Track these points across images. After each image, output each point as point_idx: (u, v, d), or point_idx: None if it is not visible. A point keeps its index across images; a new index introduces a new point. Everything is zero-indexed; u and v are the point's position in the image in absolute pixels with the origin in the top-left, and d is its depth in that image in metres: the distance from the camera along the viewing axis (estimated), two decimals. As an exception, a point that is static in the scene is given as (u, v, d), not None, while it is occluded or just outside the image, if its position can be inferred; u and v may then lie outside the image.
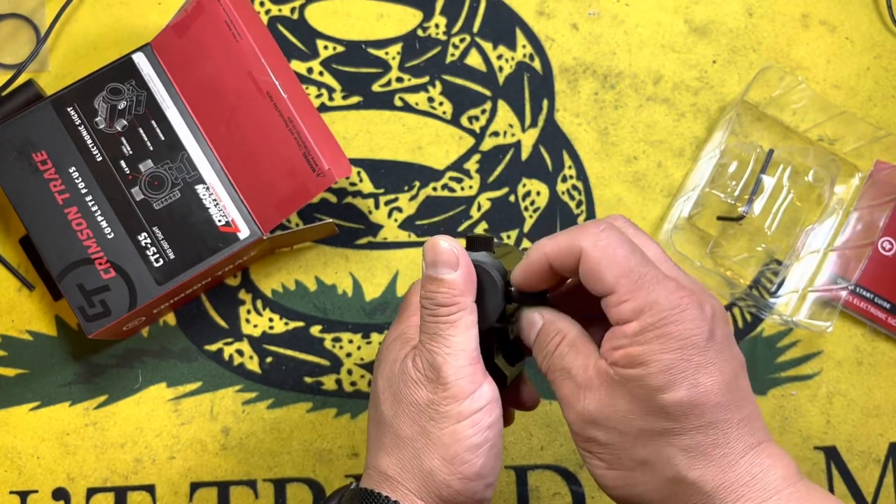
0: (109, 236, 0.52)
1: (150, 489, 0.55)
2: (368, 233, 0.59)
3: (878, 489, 0.57)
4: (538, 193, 0.60)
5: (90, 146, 0.53)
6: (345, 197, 0.59)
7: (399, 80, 0.60)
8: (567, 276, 0.36)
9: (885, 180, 0.59)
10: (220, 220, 0.53)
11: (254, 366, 0.57)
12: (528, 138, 0.60)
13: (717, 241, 0.58)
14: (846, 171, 0.60)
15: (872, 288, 0.58)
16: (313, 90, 0.60)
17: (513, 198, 0.60)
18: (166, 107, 0.54)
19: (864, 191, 0.59)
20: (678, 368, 0.31)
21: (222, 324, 0.57)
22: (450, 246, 0.37)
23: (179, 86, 0.54)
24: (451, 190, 0.59)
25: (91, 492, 0.55)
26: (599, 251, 0.33)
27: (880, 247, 0.59)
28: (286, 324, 0.57)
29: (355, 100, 0.60)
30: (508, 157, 0.60)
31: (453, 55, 0.61)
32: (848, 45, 0.62)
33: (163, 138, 0.53)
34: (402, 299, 0.57)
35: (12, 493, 0.55)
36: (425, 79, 0.60)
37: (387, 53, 0.61)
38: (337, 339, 0.57)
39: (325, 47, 0.61)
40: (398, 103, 0.60)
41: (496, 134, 0.60)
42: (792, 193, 0.58)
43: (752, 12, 0.62)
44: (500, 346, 0.40)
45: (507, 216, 0.59)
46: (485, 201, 0.59)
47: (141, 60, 0.54)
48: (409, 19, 0.61)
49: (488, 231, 0.59)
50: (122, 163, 0.53)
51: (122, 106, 0.54)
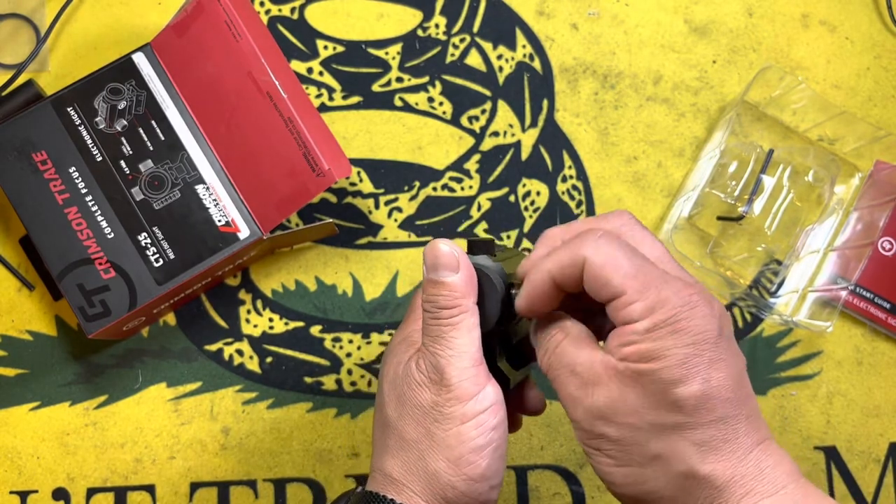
0: (109, 236, 0.52)
1: (150, 489, 0.55)
2: (368, 233, 0.59)
3: (878, 489, 0.57)
4: (538, 193, 0.60)
5: (90, 146, 0.53)
6: (345, 197, 0.59)
7: (399, 80, 0.60)
8: (571, 291, 0.35)
9: (885, 180, 0.59)
10: (220, 220, 0.53)
11: (254, 366, 0.57)
12: (528, 138, 0.60)
13: (717, 241, 0.58)
14: (846, 171, 0.60)
15: (872, 288, 0.58)
16: (313, 90, 0.60)
17: (513, 198, 0.60)
18: (166, 107, 0.54)
19: (864, 191, 0.59)
20: (692, 363, 0.32)
21: (222, 324, 0.57)
22: (450, 249, 0.37)
23: (179, 86, 0.54)
24: (451, 190, 0.59)
25: (91, 492, 0.55)
26: (602, 257, 0.33)
27: (880, 247, 0.59)
28: (286, 324, 0.57)
29: (355, 100, 0.60)
30: (508, 157, 0.60)
31: (453, 55, 0.61)
32: (848, 45, 0.62)
33: (163, 138, 0.53)
34: (402, 299, 0.58)
35: (12, 493, 0.55)
36: (425, 79, 0.60)
37: (387, 53, 0.61)
38: (337, 339, 0.57)
39: (325, 47, 0.61)
40: (398, 103, 0.60)
41: (496, 134, 0.60)
42: (792, 193, 0.58)
43: (752, 12, 0.62)
44: (504, 349, 0.40)
45: (507, 216, 0.59)
46: (485, 201, 0.59)
47: (141, 60, 0.54)
48: (409, 19, 0.61)
49: (488, 231, 0.59)
50: (122, 163, 0.53)
51: (122, 106, 0.54)
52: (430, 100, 0.60)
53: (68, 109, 0.53)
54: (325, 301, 0.58)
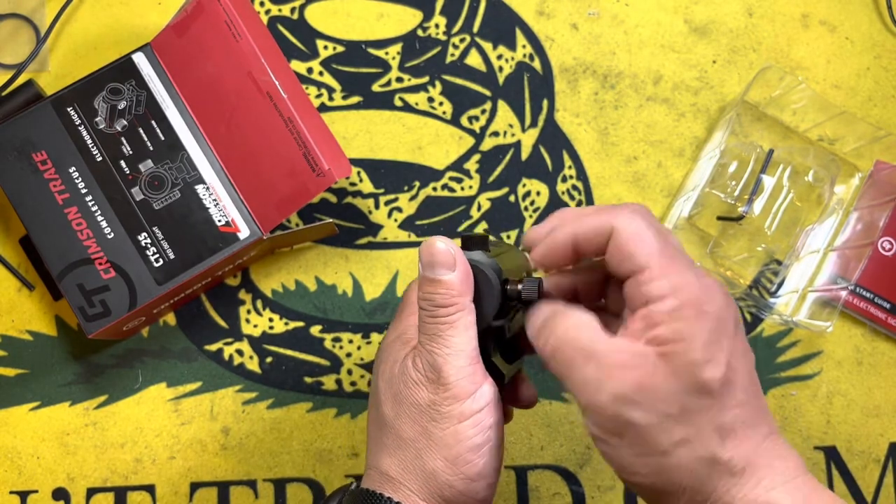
0: (109, 236, 0.52)
1: (150, 489, 0.55)
2: (368, 233, 0.59)
3: (878, 489, 0.57)
4: (538, 193, 0.60)
5: (90, 146, 0.53)
6: (345, 197, 0.59)
7: (399, 80, 0.60)
8: (589, 256, 0.36)
9: (885, 180, 0.59)
10: (220, 220, 0.53)
11: (254, 366, 0.57)
12: (528, 138, 0.60)
13: (717, 241, 0.58)
14: (846, 171, 0.60)
15: (872, 288, 0.58)
16: (313, 90, 0.60)
17: (513, 198, 0.59)
18: (166, 107, 0.54)
19: (864, 191, 0.59)
20: (717, 346, 0.32)
21: (222, 324, 0.57)
22: (446, 246, 0.37)
23: (179, 86, 0.54)
24: (451, 190, 0.59)
25: (91, 492, 0.55)
26: (632, 230, 0.33)
27: (880, 247, 0.59)
28: (286, 324, 0.57)
29: (355, 100, 0.60)
30: (508, 157, 0.60)
31: (453, 55, 0.61)
32: (848, 45, 0.62)
33: (163, 138, 0.53)
34: (401, 299, 0.57)
35: (12, 493, 0.55)
36: (425, 79, 0.60)
37: (387, 53, 0.61)
38: (337, 339, 0.57)
39: (325, 47, 0.61)
40: (398, 103, 0.60)
41: (496, 134, 0.60)
42: (792, 193, 0.58)
43: (752, 12, 0.62)
44: (498, 344, 0.40)
45: (507, 216, 0.59)
46: (485, 201, 0.59)
47: (141, 60, 0.54)
48: (409, 19, 0.61)
49: (488, 231, 0.59)
50: (122, 163, 0.53)
51: (122, 106, 0.54)
52: (430, 100, 0.60)
53: (68, 109, 0.53)
54: (325, 301, 0.58)
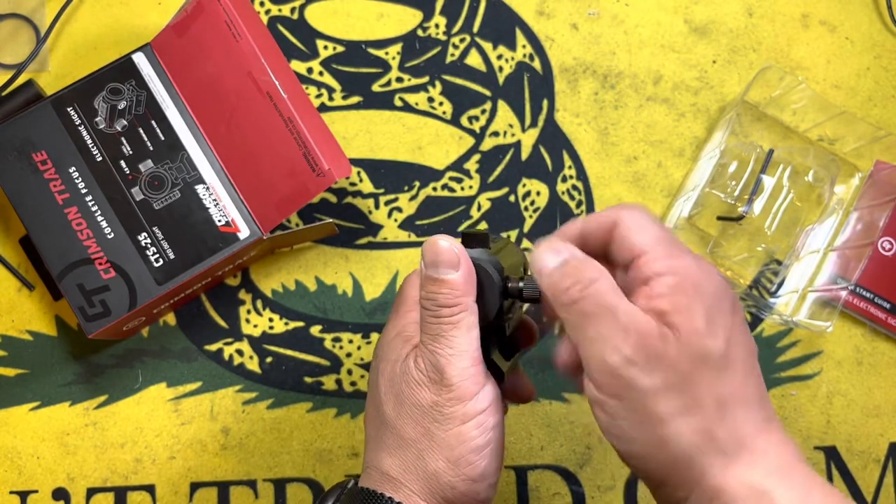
0: (109, 236, 0.52)
1: (150, 489, 0.55)
2: (368, 233, 0.59)
3: (878, 489, 0.57)
4: (538, 193, 0.60)
5: (90, 146, 0.53)
6: (345, 197, 0.59)
7: (399, 80, 0.60)
8: (594, 250, 0.36)
9: (885, 180, 0.59)
10: (220, 220, 0.53)
11: (254, 366, 0.57)
12: (528, 138, 0.60)
13: (717, 241, 0.58)
14: (846, 171, 0.60)
15: (872, 288, 0.58)
16: (313, 90, 0.60)
17: (513, 198, 0.59)
18: (166, 107, 0.54)
19: (864, 191, 0.59)
20: (718, 320, 0.33)
21: (222, 324, 0.57)
22: (450, 245, 0.37)
23: (179, 86, 0.54)
24: (451, 190, 0.59)
25: (91, 492, 0.55)
26: (634, 221, 0.35)
27: (880, 247, 0.59)
28: (286, 324, 0.57)
29: (355, 100, 0.60)
30: (508, 157, 0.60)
31: (453, 55, 0.61)
32: (848, 45, 0.62)
33: (163, 138, 0.53)
34: (397, 294, 0.57)
35: (12, 493, 0.55)
36: (425, 79, 0.60)
37: (387, 53, 0.61)
38: (337, 339, 0.57)
39: (325, 47, 0.61)
40: (398, 103, 0.60)
41: (496, 134, 0.60)
42: (792, 193, 0.58)
43: (752, 12, 0.62)
44: (496, 341, 0.40)
45: (507, 216, 0.59)
46: (485, 201, 0.59)
47: (141, 60, 0.54)
48: (409, 19, 0.61)
49: (488, 230, 0.59)
50: (122, 163, 0.53)
51: (122, 106, 0.54)
52: (430, 100, 0.60)
53: (68, 109, 0.53)
54: (325, 301, 0.58)
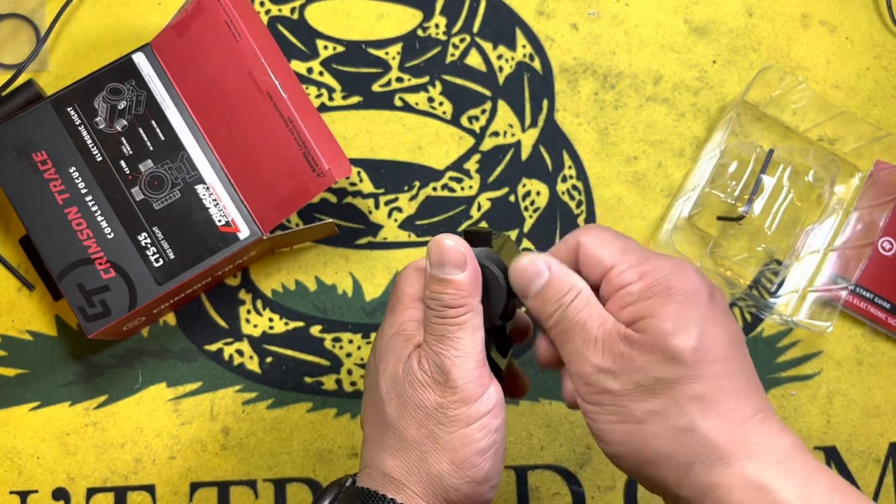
0: (109, 236, 0.52)
1: (150, 489, 0.55)
2: (368, 233, 0.59)
3: (878, 489, 0.57)
4: (538, 193, 0.60)
5: (90, 146, 0.53)
6: (345, 197, 0.59)
7: (399, 80, 0.60)
8: None
9: (885, 180, 0.59)
10: (220, 220, 0.53)
11: (254, 366, 0.57)
12: (528, 138, 0.60)
13: (717, 241, 0.58)
14: (846, 171, 0.60)
15: (872, 288, 0.58)
16: (313, 90, 0.60)
17: (513, 198, 0.59)
18: (166, 107, 0.54)
19: (864, 191, 0.59)
20: (687, 317, 0.33)
21: (222, 324, 0.57)
22: (456, 245, 0.36)
23: (179, 86, 0.54)
24: (451, 190, 0.59)
25: (91, 492, 0.55)
26: (594, 238, 0.36)
27: (880, 247, 0.59)
28: (286, 324, 0.57)
29: (355, 100, 0.60)
30: (508, 157, 0.60)
31: (453, 55, 0.61)
32: (848, 45, 0.62)
33: (163, 138, 0.53)
34: (392, 290, 0.57)
35: (12, 493, 0.55)
36: (425, 79, 0.60)
37: (387, 53, 0.61)
38: (337, 339, 0.57)
39: (325, 47, 0.61)
40: (398, 103, 0.60)
41: (496, 134, 0.60)
42: (792, 193, 0.58)
43: (752, 12, 0.62)
44: (497, 340, 0.40)
45: (507, 216, 0.59)
46: (485, 201, 0.59)
47: (141, 60, 0.54)
48: (409, 19, 0.61)
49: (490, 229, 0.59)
50: (122, 163, 0.53)
51: (122, 106, 0.54)
52: (430, 100, 0.60)
53: (68, 109, 0.53)
54: (325, 301, 0.58)
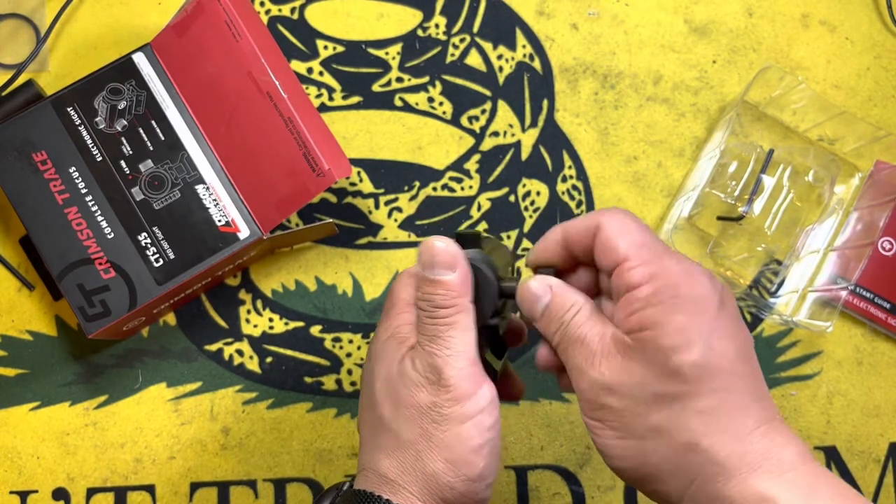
0: (109, 236, 0.52)
1: (150, 489, 0.55)
2: (368, 233, 0.59)
3: (878, 489, 0.57)
4: (538, 193, 0.60)
5: (90, 146, 0.53)
6: (345, 197, 0.59)
7: (399, 80, 0.60)
8: (577, 253, 0.37)
9: (885, 180, 0.59)
10: (220, 220, 0.53)
11: (254, 366, 0.57)
12: (528, 138, 0.60)
13: (717, 241, 0.58)
14: (846, 171, 0.60)
15: (872, 288, 0.58)
16: (313, 90, 0.60)
17: (513, 198, 0.60)
18: (166, 107, 0.54)
19: (864, 191, 0.59)
20: (692, 330, 0.32)
21: (222, 324, 0.57)
22: (446, 246, 0.37)
23: (179, 86, 0.54)
24: (451, 190, 0.59)
25: (91, 492, 0.55)
26: (615, 224, 0.35)
27: (880, 247, 0.59)
28: (286, 324, 0.57)
29: (355, 100, 0.60)
30: (508, 157, 0.60)
31: (453, 55, 0.61)
32: (848, 45, 0.62)
33: (163, 138, 0.53)
34: (387, 294, 0.57)
35: (12, 493, 0.55)
36: (425, 79, 0.60)
37: (387, 53, 0.61)
38: (337, 339, 0.57)
39: (325, 47, 0.61)
40: (398, 103, 0.60)
41: (496, 134, 0.60)
42: (792, 193, 0.58)
43: (752, 12, 0.62)
44: (489, 341, 0.40)
45: (507, 216, 0.59)
46: (485, 201, 0.59)
47: (141, 60, 0.54)
48: (409, 19, 0.61)
49: (488, 231, 0.59)
50: (122, 163, 0.53)
51: (122, 106, 0.54)
52: (430, 100, 0.60)
53: (68, 109, 0.53)
54: (325, 301, 0.58)
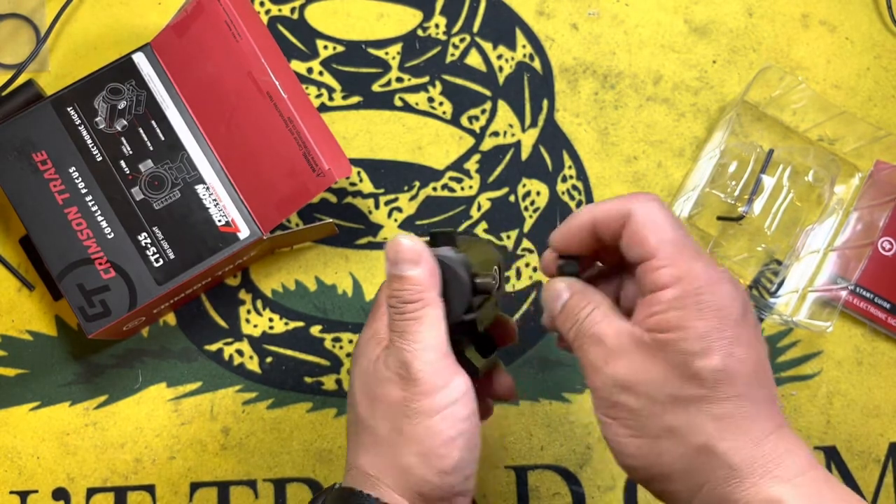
0: (109, 236, 0.52)
1: (150, 489, 0.55)
2: (368, 233, 0.59)
3: (877, 489, 0.57)
4: (538, 193, 0.60)
5: (90, 146, 0.53)
6: (345, 197, 0.59)
7: (399, 80, 0.60)
8: (605, 240, 0.36)
9: (885, 180, 0.59)
10: (220, 220, 0.53)
11: (254, 366, 0.57)
12: (528, 138, 0.60)
13: (717, 241, 0.58)
14: (846, 171, 0.60)
15: (872, 288, 0.58)
16: (313, 90, 0.60)
17: (513, 198, 0.60)
18: (166, 107, 0.54)
19: (864, 191, 0.59)
20: (714, 336, 0.32)
21: (222, 324, 0.57)
22: (411, 243, 0.37)
23: (179, 86, 0.54)
24: (451, 190, 0.59)
25: (91, 492, 0.55)
26: (648, 216, 0.34)
27: (880, 247, 0.59)
28: (286, 324, 0.57)
29: (355, 100, 0.60)
30: (508, 157, 0.60)
31: (453, 55, 0.61)
32: (848, 45, 0.62)
33: (163, 138, 0.53)
34: (374, 300, 0.58)
35: (12, 493, 0.55)
36: (425, 79, 0.60)
37: (387, 53, 0.61)
38: (337, 339, 0.57)
39: (325, 47, 0.61)
40: (398, 103, 0.60)
41: (496, 134, 0.60)
42: (792, 193, 0.58)
43: (752, 12, 0.62)
44: (471, 338, 0.41)
45: (507, 216, 0.59)
46: (485, 201, 0.59)
47: (141, 60, 0.54)
48: (409, 19, 0.61)
49: (488, 232, 0.59)
50: (122, 163, 0.53)
51: (122, 106, 0.54)
52: (430, 100, 0.60)
53: (68, 109, 0.53)
54: (325, 301, 0.58)
